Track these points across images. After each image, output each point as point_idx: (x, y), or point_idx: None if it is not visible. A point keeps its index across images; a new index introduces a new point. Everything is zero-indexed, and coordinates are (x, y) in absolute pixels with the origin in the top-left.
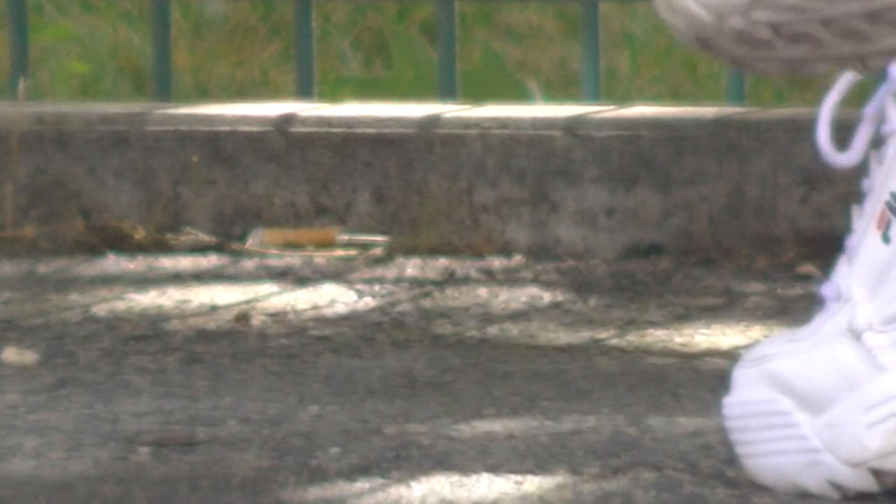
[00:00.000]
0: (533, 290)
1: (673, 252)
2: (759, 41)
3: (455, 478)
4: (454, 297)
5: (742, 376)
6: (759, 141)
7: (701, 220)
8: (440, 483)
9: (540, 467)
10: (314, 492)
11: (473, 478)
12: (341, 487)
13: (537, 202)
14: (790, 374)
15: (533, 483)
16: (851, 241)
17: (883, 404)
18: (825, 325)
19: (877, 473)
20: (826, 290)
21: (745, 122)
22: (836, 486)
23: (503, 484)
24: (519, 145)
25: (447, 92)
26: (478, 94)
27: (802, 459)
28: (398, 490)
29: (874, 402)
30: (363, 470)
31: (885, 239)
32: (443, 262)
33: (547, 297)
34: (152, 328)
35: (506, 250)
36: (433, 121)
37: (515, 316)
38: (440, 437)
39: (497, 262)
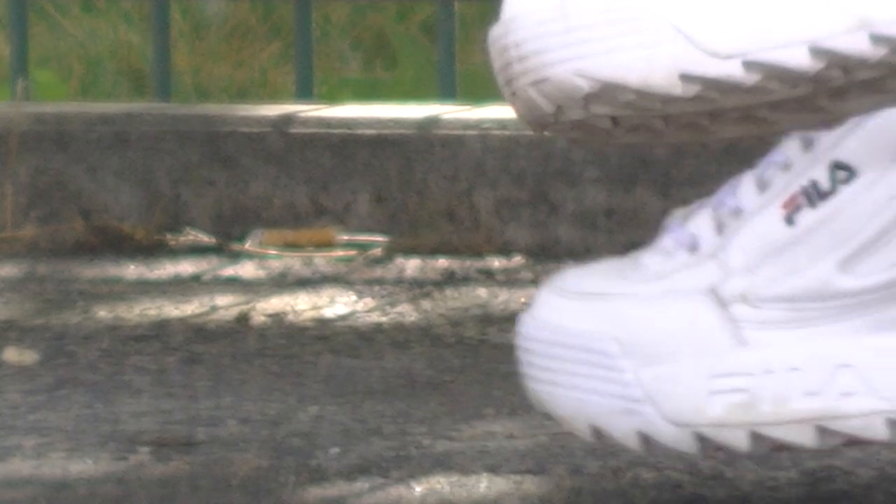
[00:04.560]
0: (533, 291)
1: None
2: (598, 129)
3: (455, 478)
4: (454, 298)
5: (559, 304)
6: (758, 141)
7: None
8: (440, 483)
9: (540, 467)
10: (314, 492)
11: (473, 478)
12: (341, 487)
13: (537, 203)
14: (630, 319)
15: (533, 483)
16: (730, 201)
17: (732, 376)
18: (678, 275)
19: (701, 439)
20: (677, 234)
21: None
22: (645, 439)
23: (503, 484)
24: (518, 146)
25: (447, 93)
26: (478, 95)
27: (615, 404)
28: (398, 490)
29: (724, 372)
30: (363, 470)
31: (790, 222)
32: (442, 262)
33: None
34: (152, 328)
35: (505, 251)
36: (433, 122)
37: (515, 316)
38: (440, 437)
39: (497, 263)
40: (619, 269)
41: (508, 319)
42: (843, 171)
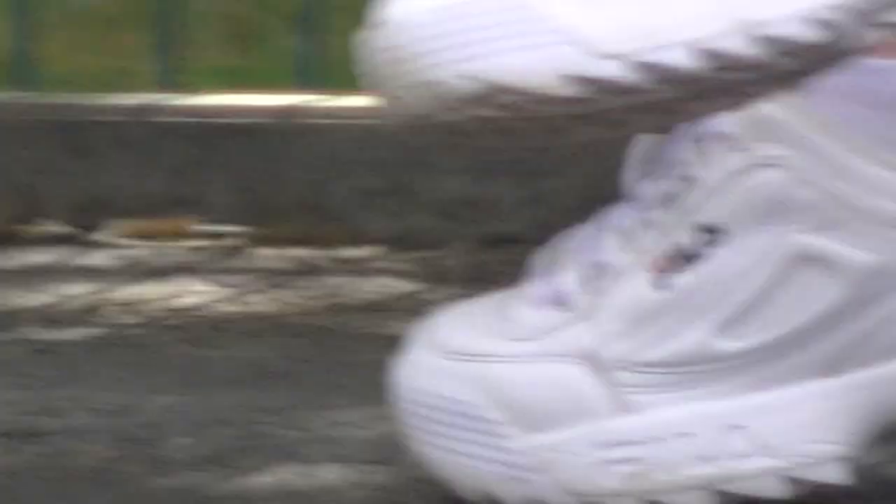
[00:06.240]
0: (389, 281)
1: None
2: (465, 132)
3: (304, 468)
4: (308, 288)
5: (433, 364)
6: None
7: None
8: (289, 473)
9: (387, 458)
10: (161, 482)
11: (323, 468)
12: (189, 478)
13: (395, 193)
14: (510, 384)
15: (381, 473)
16: (593, 255)
17: (623, 446)
18: (551, 336)
19: None
20: (542, 288)
21: None
22: None
23: (351, 474)
24: (377, 136)
25: (307, 82)
26: (340, 83)
27: (502, 471)
28: (247, 480)
29: (613, 440)
30: (212, 460)
31: (659, 286)
32: (299, 252)
33: (401, 286)
34: (1, 319)
35: (363, 241)
36: (292, 111)
37: (370, 306)
38: (290, 427)
39: (354, 253)
40: (489, 322)
41: (363, 309)
42: (707, 234)
